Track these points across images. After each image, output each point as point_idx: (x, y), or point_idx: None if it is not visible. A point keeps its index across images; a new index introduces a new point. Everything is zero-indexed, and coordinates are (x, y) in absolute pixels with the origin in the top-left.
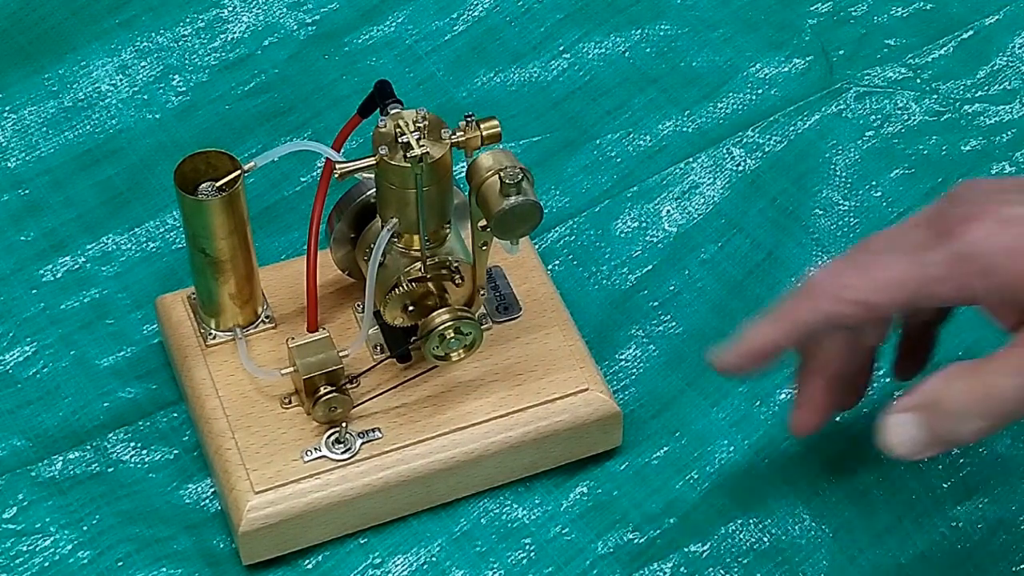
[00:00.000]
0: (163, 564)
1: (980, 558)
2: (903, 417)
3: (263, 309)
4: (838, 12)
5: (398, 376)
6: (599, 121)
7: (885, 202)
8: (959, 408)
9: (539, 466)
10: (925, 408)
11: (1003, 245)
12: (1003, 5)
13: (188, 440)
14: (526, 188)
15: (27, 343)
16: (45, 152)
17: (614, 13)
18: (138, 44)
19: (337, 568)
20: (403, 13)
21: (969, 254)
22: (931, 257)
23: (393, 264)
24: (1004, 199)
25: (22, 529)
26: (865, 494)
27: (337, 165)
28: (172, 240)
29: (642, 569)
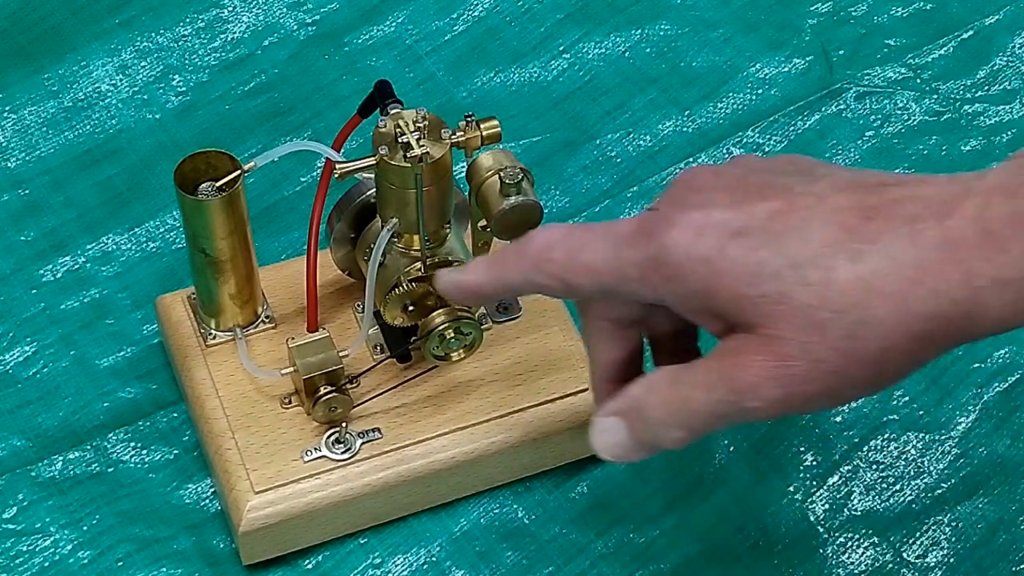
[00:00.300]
0: (163, 564)
1: (980, 557)
2: (609, 421)
3: (263, 309)
4: (838, 12)
5: (398, 376)
6: (599, 121)
7: None
8: (659, 418)
9: (539, 466)
10: (628, 414)
11: (694, 254)
12: (1003, 5)
13: (188, 440)
14: (526, 188)
15: (27, 343)
16: (45, 152)
17: (614, 13)
18: (138, 44)
19: (337, 568)
20: (403, 13)
21: (660, 260)
22: (629, 255)
23: (393, 264)
24: (710, 201)
25: (22, 529)
26: (865, 493)
27: (337, 165)
28: (172, 240)
29: (642, 569)
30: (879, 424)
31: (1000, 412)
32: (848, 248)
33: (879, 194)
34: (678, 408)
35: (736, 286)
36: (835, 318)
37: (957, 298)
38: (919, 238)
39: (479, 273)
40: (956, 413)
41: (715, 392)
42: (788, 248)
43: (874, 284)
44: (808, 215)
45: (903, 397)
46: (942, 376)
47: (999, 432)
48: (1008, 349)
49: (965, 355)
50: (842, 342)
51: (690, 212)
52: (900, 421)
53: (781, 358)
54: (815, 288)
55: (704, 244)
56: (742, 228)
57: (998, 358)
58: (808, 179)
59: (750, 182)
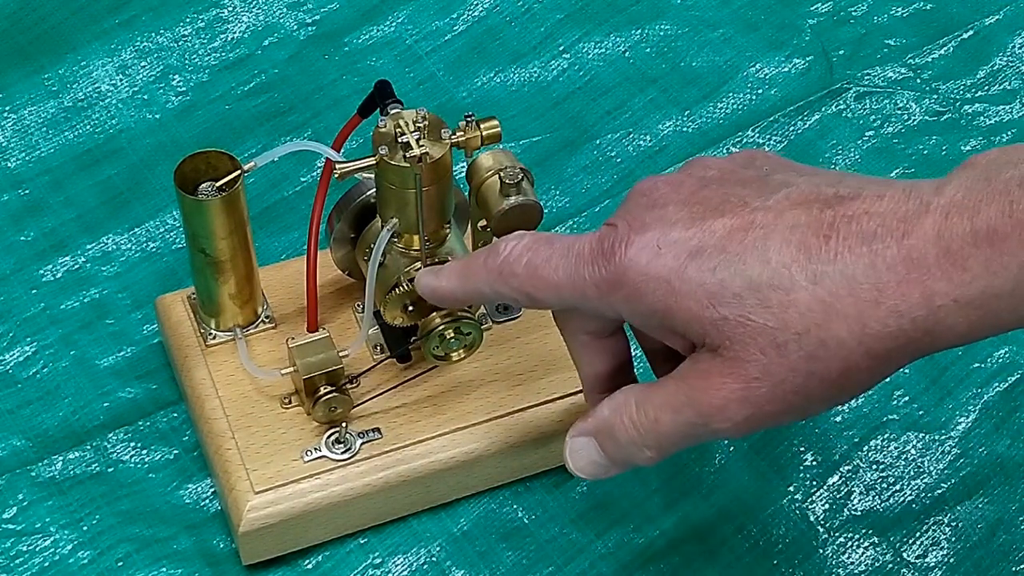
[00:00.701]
0: (163, 564)
1: (980, 557)
2: (580, 441)
3: (263, 309)
4: (838, 12)
5: (398, 376)
6: (599, 121)
7: None
8: (628, 439)
9: (539, 466)
10: (598, 435)
11: (652, 274)
12: (1003, 5)
13: (188, 440)
14: (526, 188)
15: (27, 343)
16: (45, 152)
17: (614, 13)
18: (138, 44)
19: (337, 568)
20: (403, 13)
21: (617, 280)
22: (587, 273)
23: (393, 264)
24: (667, 217)
25: (22, 529)
26: (865, 493)
27: (337, 165)
28: (172, 240)
29: (642, 569)
30: (879, 424)
31: (1000, 412)
32: (807, 269)
33: (835, 209)
34: (647, 430)
35: (696, 308)
36: (796, 339)
37: (917, 317)
38: (877, 259)
39: (452, 280)
40: (956, 413)
41: (682, 414)
42: (747, 269)
43: (834, 306)
44: (765, 233)
45: (903, 397)
46: (942, 376)
47: (999, 432)
48: (1008, 349)
49: (965, 355)
50: (803, 363)
51: (647, 231)
52: (900, 421)
53: (744, 380)
54: (775, 310)
55: (662, 264)
56: (699, 247)
57: (998, 358)
58: (764, 190)
59: (706, 195)
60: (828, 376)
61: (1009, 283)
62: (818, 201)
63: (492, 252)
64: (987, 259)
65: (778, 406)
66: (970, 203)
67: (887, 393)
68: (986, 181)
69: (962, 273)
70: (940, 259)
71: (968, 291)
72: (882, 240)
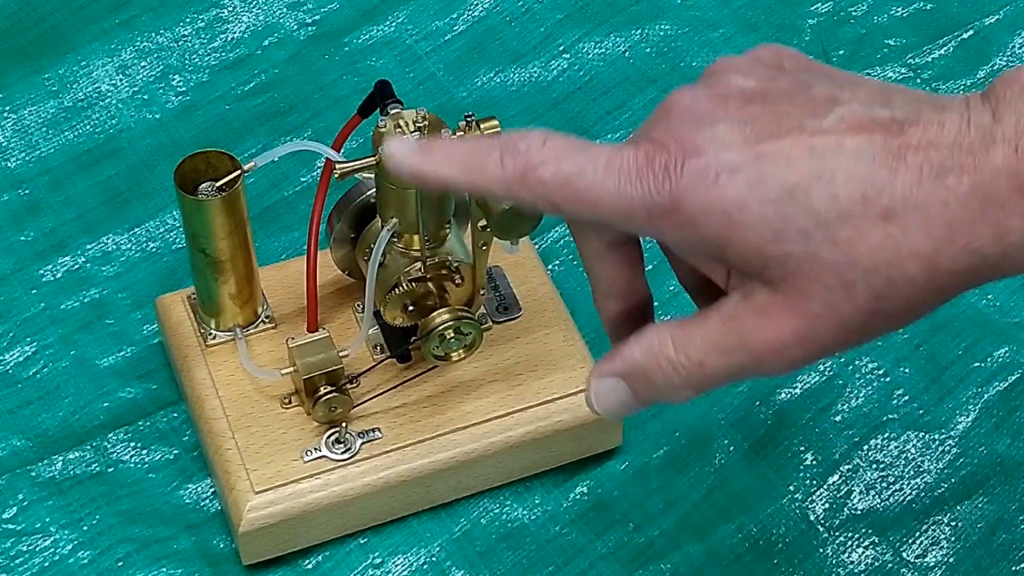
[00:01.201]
0: (163, 564)
1: (980, 557)
2: (608, 382)
3: (263, 309)
4: (838, 12)
5: (398, 376)
6: (599, 121)
7: None
8: (667, 382)
9: (539, 466)
10: (631, 377)
11: (712, 204)
12: (1003, 5)
13: (188, 440)
14: None
15: (27, 343)
16: (45, 152)
17: (614, 13)
18: (138, 44)
19: (337, 568)
20: (403, 13)
21: (671, 206)
22: (634, 194)
23: (393, 264)
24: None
25: (22, 529)
26: (864, 492)
27: (337, 165)
28: (172, 240)
29: (642, 569)
30: (879, 423)
31: (1000, 411)
32: (877, 204)
33: (899, 138)
34: (689, 372)
35: (757, 242)
36: (864, 277)
37: (988, 254)
38: (950, 195)
39: (449, 168)
40: (956, 412)
41: (732, 356)
42: (813, 203)
43: (906, 244)
44: (829, 164)
45: (903, 396)
46: (942, 375)
47: (999, 431)
48: (1008, 348)
49: (965, 355)
50: (870, 302)
51: (701, 154)
52: (900, 420)
53: (807, 318)
54: (844, 247)
55: (720, 194)
56: (760, 176)
57: (998, 357)
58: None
59: (755, 113)
60: (893, 312)
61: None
62: (878, 127)
63: (509, 149)
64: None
65: (837, 343)
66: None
67: (887, 392)
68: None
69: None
70: (1013, 194)
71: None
72: (955, 175)
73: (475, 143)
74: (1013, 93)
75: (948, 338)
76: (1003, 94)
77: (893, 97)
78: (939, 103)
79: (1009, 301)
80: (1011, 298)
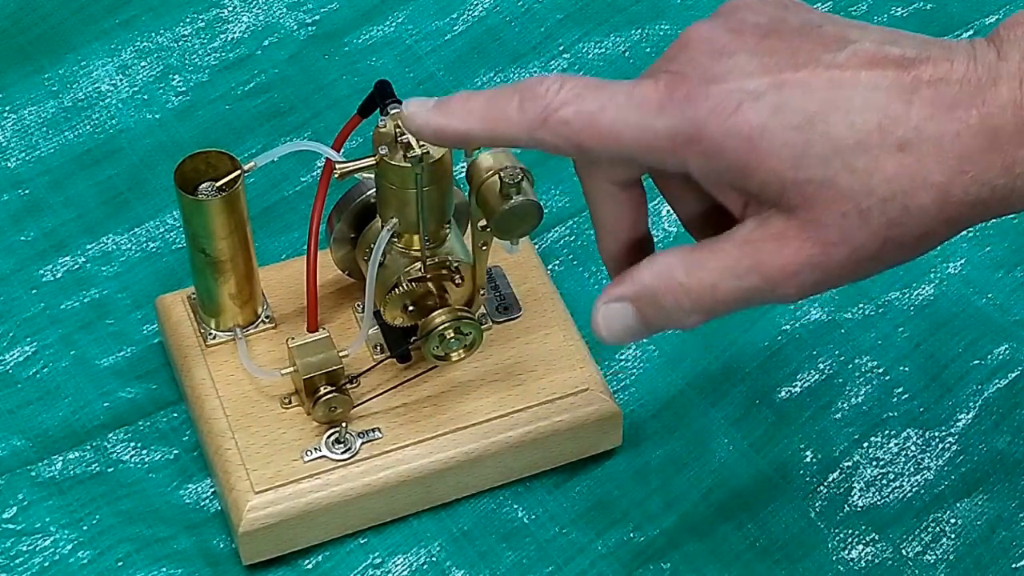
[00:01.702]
0: (163, 564)
1: (979, 554)
2: (616, 307)
3: (263, 309)
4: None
5: (398, 376)
6: None
7: None
8: (677, 305)
9: (539, 466)
10: (639, 300)
11: (734, 130)
12: (1003, 5)
13: (188, 440)
14: (526, 188)
15: (27, 343)
16: (45, 152)
17: (614, 13)
18: (138, 44)
19: (337, 568)
20: (403, 13)
21: (695, 134)
22: (658, 124)
23: (393, 264)
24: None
25: (22, 529)
26: (864, 490)
27: (337, 165)
28: (172, 240)
29: (642, 568)
30: (879, 421)
31: (1000, 409)
32: (893, 134)
33: (910, 71)
34: (700, 296)
35: (779, 167)
36: (880, 205)
37: (997, 185)
38: (962, 126)
39: (469, 121)
40: (956, 410)
41: (746, 280)
42: (832, 130)
43: (920, 174)
44: (846, 94)
45: (903, 394)
46: (942, 373)
47: (999, 429)
48: (1008, 346)
49: (965, 352)
50: (884, 230)
51: (723, 82)
52: (900, 418)
53: (822, 244)
54: (861, 175)
55: (743, 119)
56: (781, 103)
57: (998, 355)
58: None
59: (773, 46)
60: (905, 242)
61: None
62: (891, 63)
63: (527, 95)
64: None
65: (850, 271)
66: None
67: (887, 390)
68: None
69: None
70: (1019, 127)
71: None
72: (964, 109)
73: (493, 93)
74: (1016, 35)
75: (948, 336)
76: (1007, 36)
77: (901, 38)
78: (946, 44)
79: (1009, 299)
80: (1011, 296)
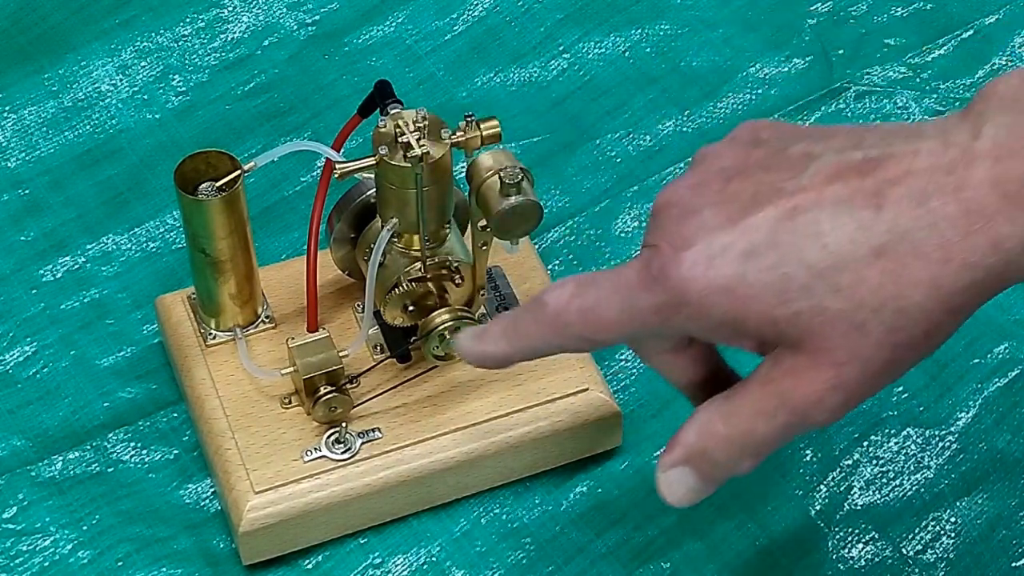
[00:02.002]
0: (163, 564)
1: (979, 553)
2: (676, 472)
3: (263, 309)
4: (838, 12)
5: (398, 376)
6: (599, 121)
7: None
8: (726, 456)
9: (539, 466)
10: (693, 460)
11: (713, 286)
12: (1003, 5)
13: (188, 440)
14: (526, 188)
15: (27, 343)
16: (45, 152)
17: (614, 13)
18: (138, 44)
19: (337, 568)
20: (403, 13)
21: (678, 300)
22: (643, 302)
23: (393, 264)
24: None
25: (22, 529)
26: (865, 488)
27: (337, 165)
28: (172, 240)
29: (642, 568)
30: (879, 420)
31: (1000, 408)
32: (867, 244)
33: (874, 175)
34: (744, 442)
35: (766, 309)
36: (874, 315)
37: (988, 265)
38: (937, 217)
39: (500, 344)
40: (956, 409)
41: (777, 417)
42: (807, 257)
43: (904, 274)
44: (813, 216)
45: (903, 393)
46: (942, 372)
47: (999, 428)
48: (1008, 345)
49: (965, 351)
50: (887, 337)
51: (692, 244)
52: (900, 417)
53: (834, 367)
54: (846, 292)
55: (719, 274)
56: (751, 247)
57: (998, 354)
58: (791, 169)
59: (736, 190)
60: (914, 342)
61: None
62: (852, 170)
63: (538, 307)
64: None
65: (872, 382)
66: (1018, 143)
67: (887, 390)
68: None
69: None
70: (1001, 205)
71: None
72: (937, 198)
73: (517, 313)
74: (991, 107)
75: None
76: (982, 109)
77: (865, 138)
78: (913, 131)
79: (1009, 299)
80: (1011, 296)
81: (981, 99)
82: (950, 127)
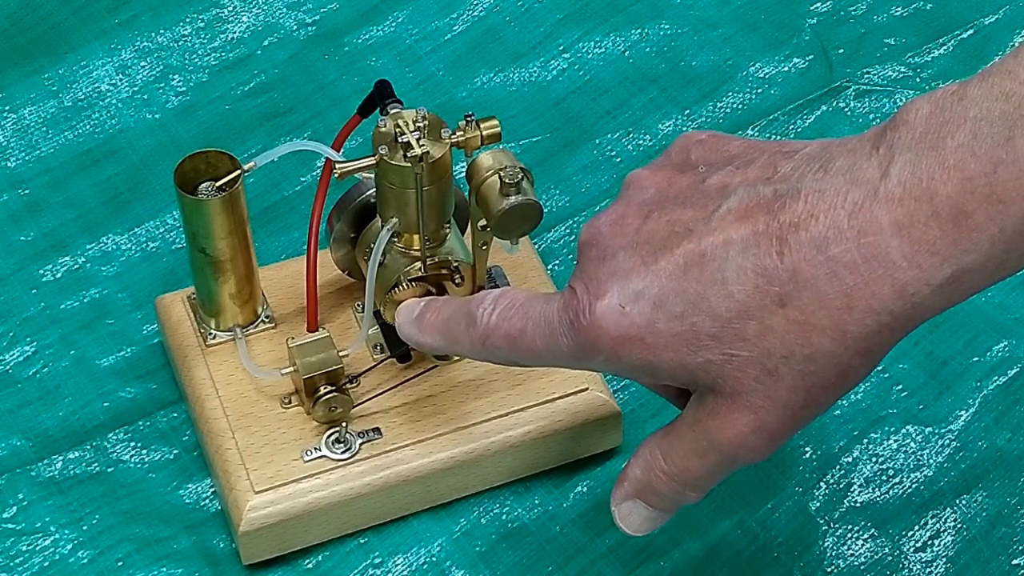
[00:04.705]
0: (163, 564)
1: (978, 550)
2: (628, 505)
3: (263, 309)
4: (838, 12)
5: (398, 376)
6: (599, 121)
7: None
8: (671, 490)
9: (539, 466)
10: (642, 493)
11: (624, 336)
12: (1003, 5)
13: (188, 440)
14: (526, 188)
15: (27, 343)
16: (45, 152)
17: (614, 13)
18: (138, 44)
19: (337, 568)
20: (403, 13)
21: (593, 347)
22: (564, 344)
23: (393, 264)
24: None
25: (22, 529)
26: (864, 486)
27: (337, 165)
28: (172, 240)
29: (642, 567)
30: (878, 418)
31: (1000, 405)
32: (770, 292)
33: (779, 218)
34: (682, 478)
35: (678, 357)
36: (784, 362)
37: (894, 310)
38: (838, 265)
39: (436, 339)
40: (956, 406)
41: (708, 457)
42: (714, 307)
43: (808, 322)
44: (719, 264)
45: (902, 391)
46: (941, 370)
47: (998, 425)
48: (1007, 343)
49: (965, 350)
50: (800, 381)
51: (606, 292)
52: (899, 415)
53: (752, 410)
54: (754, 341)
55: (630, 323)
56: (661, 296)
57: (997, 352)
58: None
59: (651, 230)
60: (827, 384)
61: (982, 256)
62: (760, 210)
63: (470, 320)
64: (955, 240)
65: (791, 422)
66: (923, 184)
67: (886, 388)
68: (934, 152)
69: (931, 258)
70: (905, 250)
71: (940, 273)
72: (837, 244)
73: (453, 310)
74: (901, 138)
75: (947, 333)
76: (892, 139)
77: (779, 165)
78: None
79: (1008, 298)
80: (1010, 294)
81: (894, 126)
82: (860, 159)
